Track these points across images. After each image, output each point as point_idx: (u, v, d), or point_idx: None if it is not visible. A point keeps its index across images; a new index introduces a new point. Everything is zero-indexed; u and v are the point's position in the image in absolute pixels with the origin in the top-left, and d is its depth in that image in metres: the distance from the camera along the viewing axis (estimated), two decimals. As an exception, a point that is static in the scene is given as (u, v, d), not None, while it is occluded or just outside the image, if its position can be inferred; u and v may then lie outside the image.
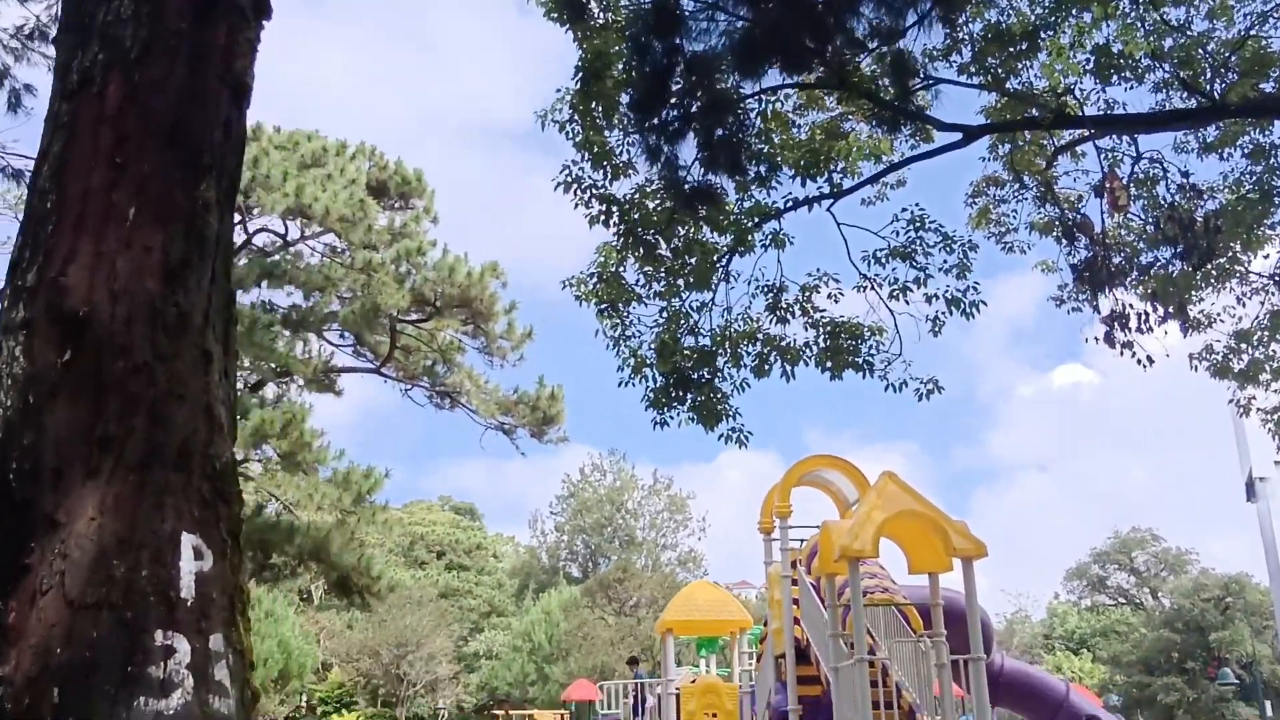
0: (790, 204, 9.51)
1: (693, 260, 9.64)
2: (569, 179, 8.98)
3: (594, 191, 9.09)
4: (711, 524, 75.79)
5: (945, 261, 9.69)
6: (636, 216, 9.24)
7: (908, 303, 9.67)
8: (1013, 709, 16.74)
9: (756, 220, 9.49)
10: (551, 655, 54.27)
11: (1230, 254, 11.82)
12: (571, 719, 37.49)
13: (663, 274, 10.02)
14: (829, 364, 9.90)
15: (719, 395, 10.51)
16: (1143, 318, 9.84)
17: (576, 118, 9.22)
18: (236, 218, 25.61)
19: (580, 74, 9.03)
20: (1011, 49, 10.00)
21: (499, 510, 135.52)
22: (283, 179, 22.07)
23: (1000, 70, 10.44)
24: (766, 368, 10.05)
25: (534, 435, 26.40)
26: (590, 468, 78.24)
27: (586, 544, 75.77)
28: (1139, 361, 9.76)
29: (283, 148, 23.64)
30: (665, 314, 10.18)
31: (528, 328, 25.26)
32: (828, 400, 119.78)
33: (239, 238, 25.20)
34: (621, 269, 10.25)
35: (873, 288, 9.81)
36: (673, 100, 7.79)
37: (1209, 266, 11.28)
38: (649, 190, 9.38)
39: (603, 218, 9.14)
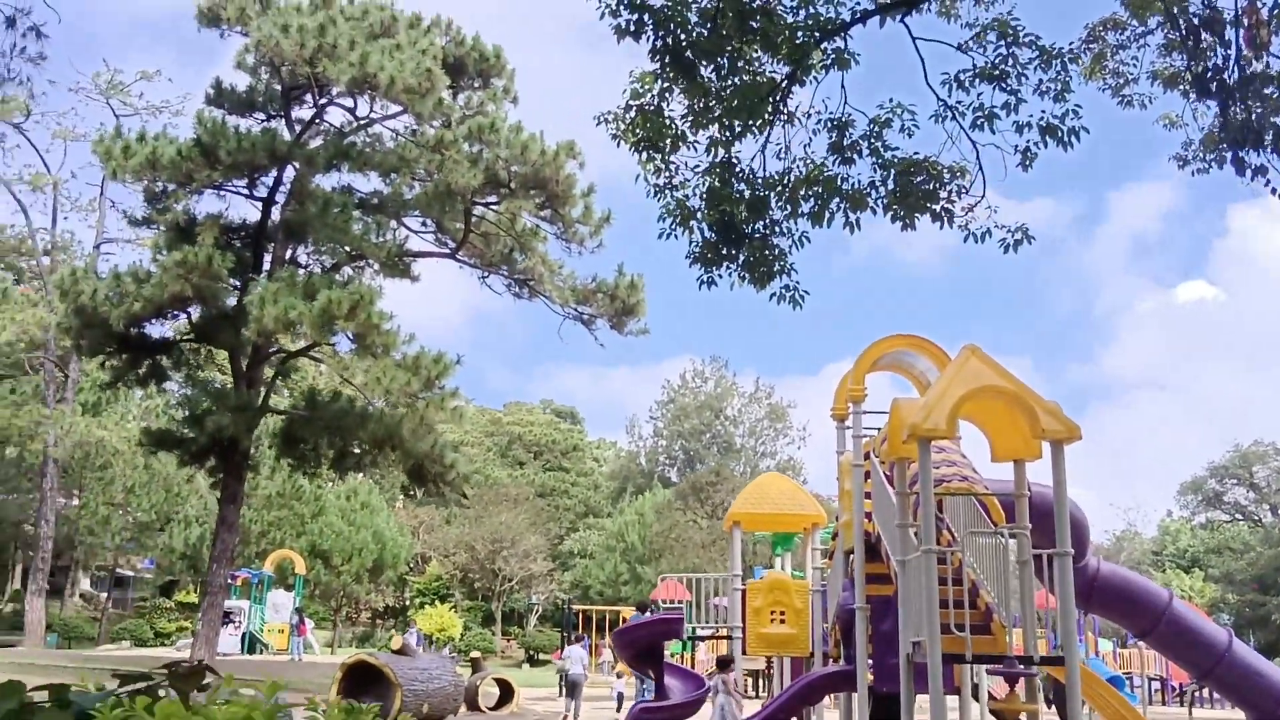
0: (859, 15, 8.06)
1: (741, 87, 8.30)
2: (592, -24, 7.68)
3: (623, -3, 7.77)
4: (813, 434, 74.30)
5: (1041, 82, 8.15)
6: (674, 30, 7.92)
7: (994, 132, 8.18)
8: (1108, 617, 15.39)
9: (817, 35, 8.08)
10: (644, 556, 54.31)
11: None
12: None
13: (714, 107, 8.68)
14: (899, 209, 8.51)
15: (775, 251, 9.24)
16: (1281, 131, 8.12)
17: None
18: (308, 98, 24.86)
19: None
20: None
21: (602, 416, 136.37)
22: (349, 47, 21.11)
23: None
24: (827, 215, 8.71)
25: (613, 326, 25.47)
26: (691, 374, 77.60)
27: (685, 449, 75.45)
28: (1273, 190, 8.13)
29: (352, 18, 22.67)
30: (711, 153, 8.88)
31: (606, 212, 24.13)
32: (937, 313, 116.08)
33: (307, 113, 24.49)
34: (665, 102, 8.95)
35: (953, 117, 8.32)
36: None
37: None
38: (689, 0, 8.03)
39: (632, 28, 7.84)
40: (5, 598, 47.64)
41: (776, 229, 9.23)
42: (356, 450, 25.57)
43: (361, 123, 25.15)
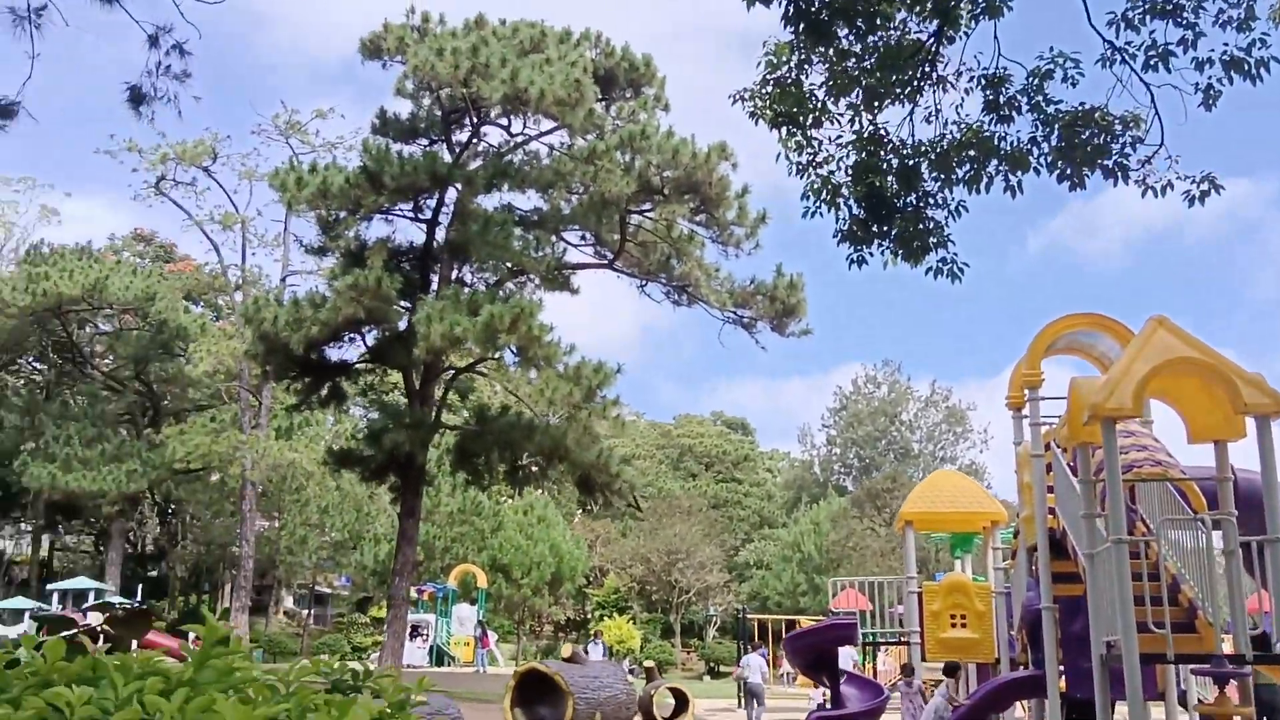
0: (1008, -42, 7.45)
1: (884, 49, 7.81)
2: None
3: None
4: (995, 436, 71.00)
5: (1221, 11, 7.30)
6: (808, -8, 7.50)
7: (1169, 71, 7.39)
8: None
9: (964, -17, 7.51)
10: (821, 565, 53.22)
11: None
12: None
13: (853, 71, 8.21)
14: (1065, 167, 7.81)
15: (929, 224, 8.66)
16: None
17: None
18: (466, 120, 25.42)
19: None
20: None
21: (774, 427, 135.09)
22: (501, 65, 21.45)
23: None
24: (985, 179, 8.09)
25: (774, 329, 25.01)
26: (864, 379, 75.66)
27: (859, 456, 73.63)
28: None
29: (503, 38, 23.06)
30: (855, 123, 8.40)
31: (761, 212, 23.70)
32: (1122, 306, 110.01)
33: (465, 134, 25.02)
34: (803, 74, 8.53)
35: (1123, 59, 7.57)
36: None
37: None
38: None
39: (762, -10, 7.47)
40: (216, 616, 50.67)
41: (930, 200, 8.65)
42: (527, 463, 25.93)
43: (517, 141, 25.54)
